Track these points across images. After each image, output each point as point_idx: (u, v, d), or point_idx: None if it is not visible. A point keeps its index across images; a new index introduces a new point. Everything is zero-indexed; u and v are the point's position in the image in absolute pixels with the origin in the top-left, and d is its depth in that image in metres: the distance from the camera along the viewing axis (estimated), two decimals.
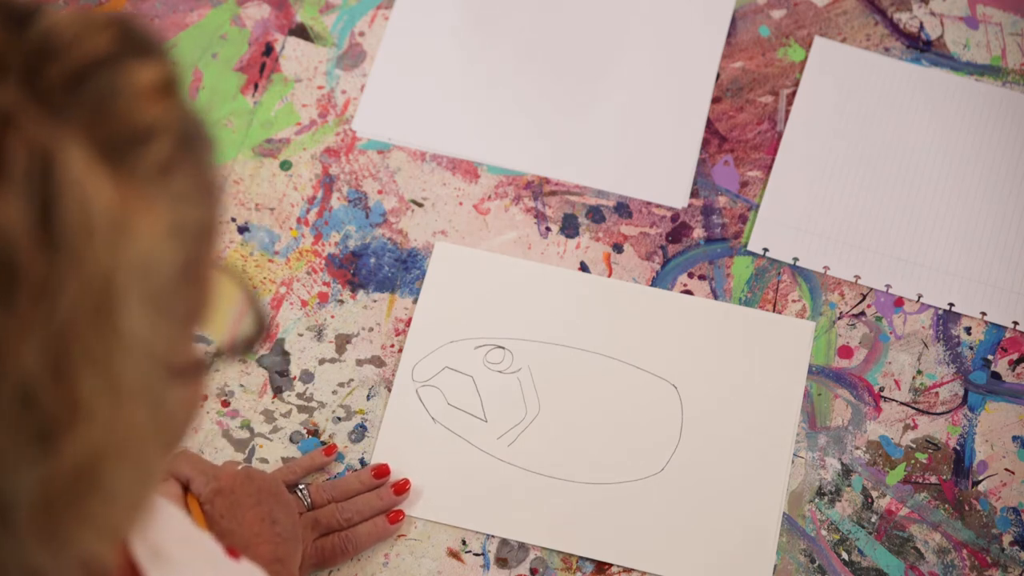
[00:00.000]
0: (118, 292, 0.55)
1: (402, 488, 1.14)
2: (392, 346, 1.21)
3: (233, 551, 0.83)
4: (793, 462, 1.16)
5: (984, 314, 1.22)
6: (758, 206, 1.27)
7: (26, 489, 0.55)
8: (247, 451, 1.17)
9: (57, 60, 0.55)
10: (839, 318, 1.22)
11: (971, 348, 1.21)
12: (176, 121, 0.57)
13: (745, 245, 1.25)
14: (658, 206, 1.27)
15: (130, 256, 0.55)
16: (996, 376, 1.20)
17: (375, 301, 1.22)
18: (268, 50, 1.33)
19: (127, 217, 0.55)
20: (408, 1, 1.35)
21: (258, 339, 0.63)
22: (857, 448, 1.17)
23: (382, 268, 1.24)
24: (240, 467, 1.11)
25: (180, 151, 0.57)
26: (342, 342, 1.21)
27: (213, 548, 0.82)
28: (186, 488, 1.07)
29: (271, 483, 1.09)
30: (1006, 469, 1.16)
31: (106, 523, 0.58)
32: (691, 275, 1.24)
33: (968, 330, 1.22)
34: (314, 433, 1.17)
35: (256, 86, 1.31)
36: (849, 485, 1.16)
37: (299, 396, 1.19)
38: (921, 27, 1.34)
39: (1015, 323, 1.22)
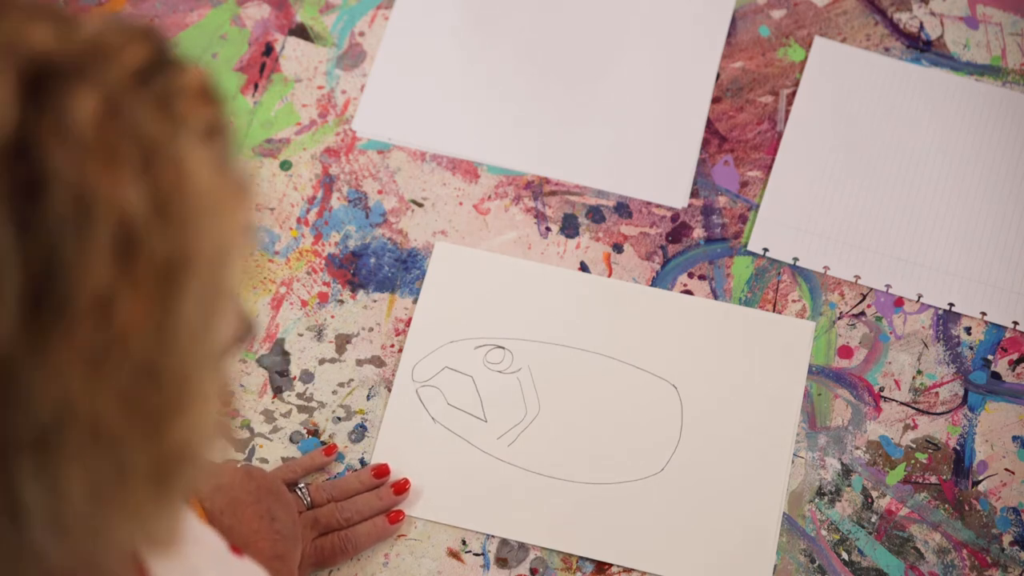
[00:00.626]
0: (228, 270, 0.58)
1: (402, 488, 1.14)
2: (392, 346, 1.21)
3: (236, 549, 0.83)
4: (793, 462, 1.16)
5: (984, 314, 1.22)
6: (758, 206, 1.27)
7: (130, 467, 0.57)
8: (247, 451, 1.17)
9: (115, 64, 0.57)
10: (839, 318, 1.22)
11: (971, 348, 1.21)
12: (226, 119, 0.61)
13: (745, 245, 1.25)
14: (658, 206, 1.27)
15: (233, 237, 0.58)
16: (996, 376, 1.20)
17: (375, 301, 1.22)
18: (268, 50, 1.33)
19: (226, 200, 0.58)
20: (408, 1, 1.35)
21: (248, 337, 0.65)
22: (857, 448, 1.17)
23: (382, 268, 1.24)
24: (240, 465, 1.11)
25: (230, 146, 0.60)
26: (342, 342, 1.21)
27: (218, 545, 0.82)
28: None
29: (271, 481, 1.09)
30: (1006, 469, 1.16)
31: (182, 492, 0.61)
32: (691, 275, 1.24)
33: (968, 330, 1.22)
34: (314, 433, 1.17)
35: (256, 86, 1.31)
36: (849, 485, 1.16)
37: (299, 396, 1.19)
38: (921, 27, 1.34)
39: (1015, 323, 1.22)
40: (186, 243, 0.56)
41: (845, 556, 1.13)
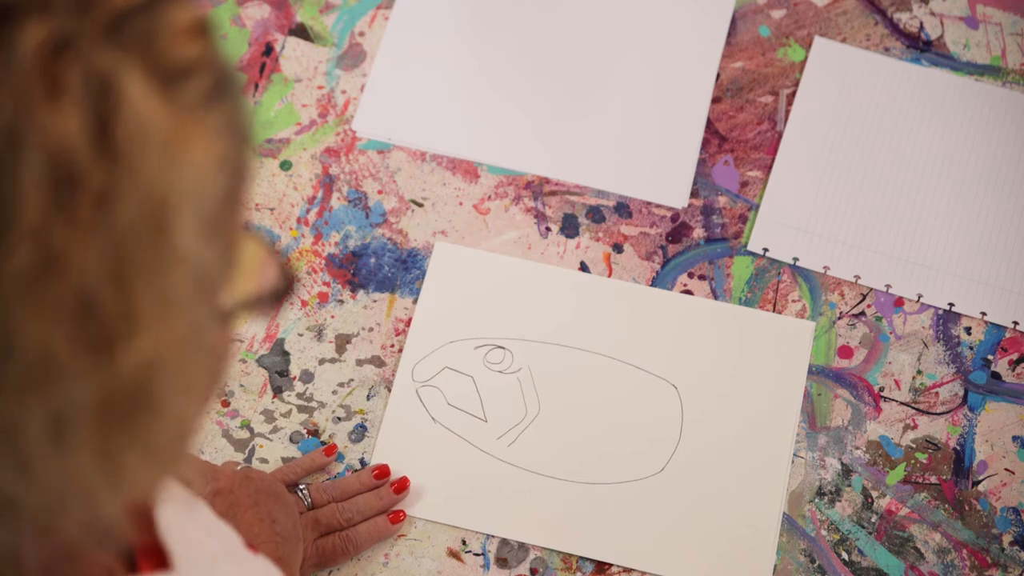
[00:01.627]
0: (173, 209, 0.57)
1: (402, 487, 1.14)
2: (392, 346, 1.21)
3: (252, 545, 0.83)
4: (793, 462, 1.16)
5: (984, 314, 1.22)
6: (758, 206, 1.27)
7: (83, 401, 0.56)
8: (247, 451, 1.17)
9: (99, 5, 0.57)
10: (839, 318, 1.22)
11: (971, 348, 1.21)
12: (213, 60, 0.60)
13: (745, 245, 1.25)
14: (658, 206, 1.27)
15: (184, 177, 0.57)
16: (996, 376, 1.20)
17: (375, 301, 1.22)
18: (268, 50, 1.33)
19: (180, 139, 0.57)
20: (408, 1, 1.35)
21: (287, 291, 0.65)
22: (857, 448, 1.17)
23: (382, 268, 1.24)
24: (239, 467, 1.11)
25: (218, 88, 0.59)
26: (342, 342, 1.21)
27: (234, 540, 0.82)
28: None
29: (270, 483, 1.09)
30: (1006, 469, 1.16)
31: (155, 448, 0.60)
32: (691, 275, 1.24)
33: (968, 330, 1.22)
34: (314, 433, 1.17)
35: (256, 86, 1.31)
36: (849, 485, 1.16)
37: (299, 396, 1.19)
38: (921, 27, 1.34)
39: (1015, 323, 1.22)
40: (128, 176, 0.55)
41: (845, 556, 1.13)
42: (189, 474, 1.07)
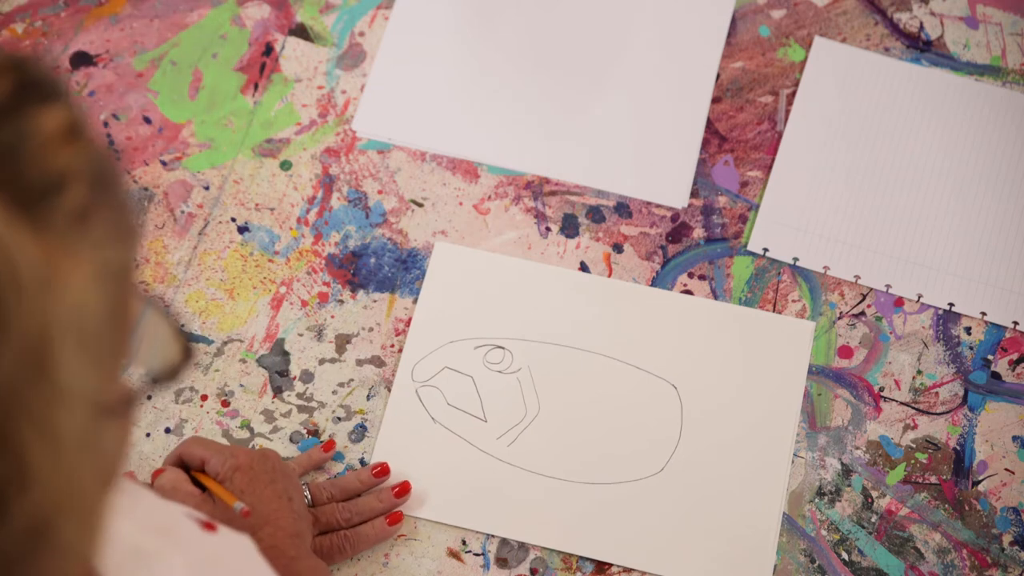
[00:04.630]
0: (53, 347, 0.53)
1: (403, 491, 1.14)
2: (392, 346, 1.21)
3: (209, 524, 0.81)
4: (793, 462, 1.16)
5: (984, 314, 1.22)
6: (758, 206, 1.27)
7: None
8: None
9: None
10: (839, 318, 1.22)
11: (971, 348, 1.21)
12: (87, 164, 0.55)
13: (745, 245, 1.25)
14: (658, 206, 1.27)
15: (61, 310, 0.53)
16: (996, 376, 1.20)
17: (375, 301, 1.22)
18: (268, 50, 1.33)
19: (53, 271, 0.53)
20: (408, 1, 1.35)
21: (183, 365, 0.62)
22: (857, 448, 1.17)
23: (382, 268, 1.24)
24: (256, 448, 1.11)
25: (95, 195, 0.55)
26: (342, 342, 1.21)
27: (187, 531, 0.79)
28: (200, 469, 1.08)
29: (284, 464, 1.10)
30: (1006, 469, 1.16)
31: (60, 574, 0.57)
32: (691, 275, 1.24)
33: (968, 330, 1.22)
34: (314, 433, 1.17)
35: (256, 86, 1.31)
36: (849, 485, 1.16)
37: (299, 396, 1.19)
38: (921, 27, 1.34)
39: (1015, 323, 1.22)
40: (8, 329, 0.51)
41: (845, 556, 1.13)
42: (205, 454, 1.07)
